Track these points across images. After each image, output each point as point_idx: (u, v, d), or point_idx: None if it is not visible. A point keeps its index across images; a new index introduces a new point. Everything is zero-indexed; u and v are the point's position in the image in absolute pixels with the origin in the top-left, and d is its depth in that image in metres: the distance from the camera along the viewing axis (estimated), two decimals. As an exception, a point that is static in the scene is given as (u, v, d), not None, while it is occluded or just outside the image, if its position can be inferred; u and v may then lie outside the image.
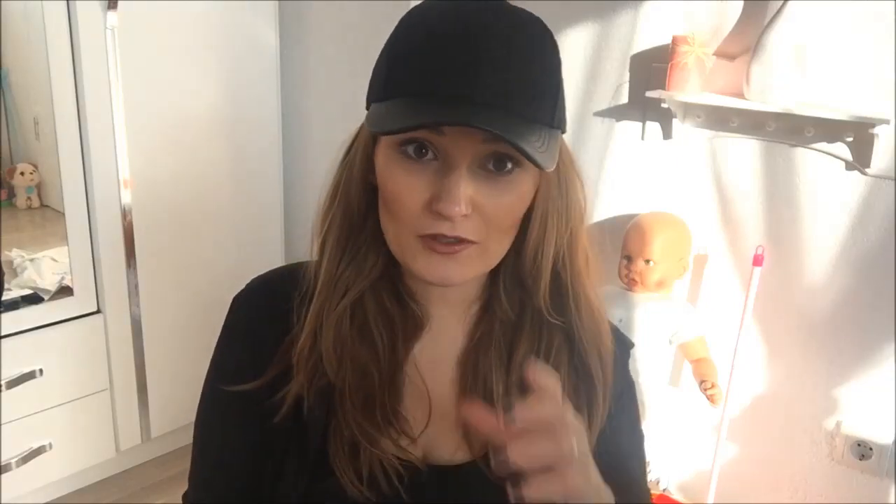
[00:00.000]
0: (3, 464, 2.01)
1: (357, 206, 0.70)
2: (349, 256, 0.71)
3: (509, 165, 0.63)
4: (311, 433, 0.70)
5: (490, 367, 0.72)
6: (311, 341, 0.70)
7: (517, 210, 0.66)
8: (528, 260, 0.71)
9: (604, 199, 2.00)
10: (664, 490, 2.01)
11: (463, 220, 0.62)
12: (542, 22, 0.65)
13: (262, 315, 0.75)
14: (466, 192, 0.61)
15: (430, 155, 0.63)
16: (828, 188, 1.68)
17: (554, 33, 0.65)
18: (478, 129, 0.58)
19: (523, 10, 0.65)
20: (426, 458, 0.72)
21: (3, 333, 1.98)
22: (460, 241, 0.64)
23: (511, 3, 0.64)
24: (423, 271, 0.66)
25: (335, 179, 0.72)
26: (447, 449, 0.73)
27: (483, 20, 0.61)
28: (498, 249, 0.67)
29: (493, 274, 0.73)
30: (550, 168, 0.61)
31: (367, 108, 0.66)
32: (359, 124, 0.70)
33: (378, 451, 0.68)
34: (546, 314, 0.72)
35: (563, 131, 0.67)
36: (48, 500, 2.20)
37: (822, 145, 1.67)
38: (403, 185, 0.63)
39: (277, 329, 0.72)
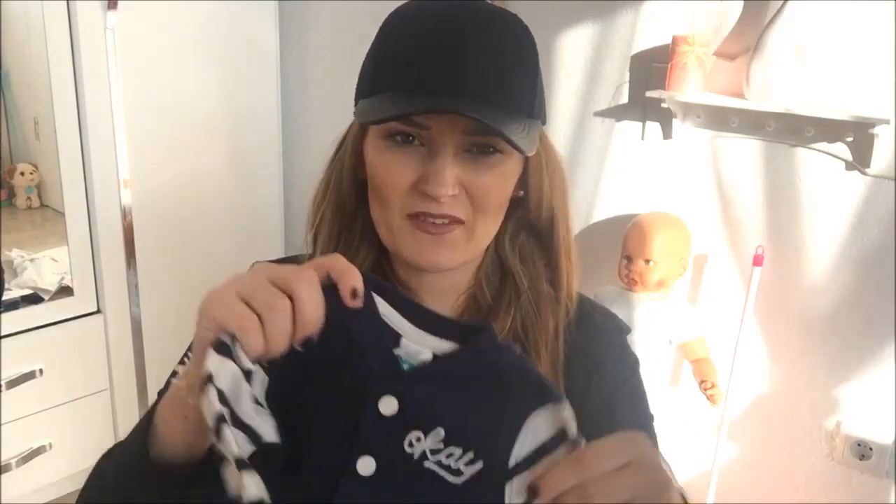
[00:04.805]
0: (3, 464, 2.01)
1: (348, 199, 0.73)
2: (342, 249, 0.73)
3: (492, 150, 0.66)
4: None
5: None
6: None
7: (502, 190, 0.69)
8: (509, 246, 0.75)
9: (604, 199, 2.00)
10: (664, 490, 2.00)
11: (450, 199, 0.66)
12: (520, 20, 0.68)
13: None
14: (453, 172, 0.64)
15: (416, 143, 0.66)
16: (828, 188, 1.68)
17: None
18: (465, 116, 0.60)
19: (503, 10, 0.68)
20: None
21: (3, 333, 1.98)
22: (448, 220, 0.66)
23: (500, 2, 0.66)
24: (413, 256, 0.69)
25: (326, 175, 0.75)
26: None
27: (465, 19, 0.64)
28: (484, 232, 0.70)
29: (478, 267, 0.77)
30: (531, 153, 0.65)
31: (356, 105, 0.69)
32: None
33: None
34: (525, 294, 0.74)
35: (544, 122, 0.70)
36: (48, 500, 2.20)
37: (822, 145, 1.67)
38: (392, 166, 0.66)
39: None
